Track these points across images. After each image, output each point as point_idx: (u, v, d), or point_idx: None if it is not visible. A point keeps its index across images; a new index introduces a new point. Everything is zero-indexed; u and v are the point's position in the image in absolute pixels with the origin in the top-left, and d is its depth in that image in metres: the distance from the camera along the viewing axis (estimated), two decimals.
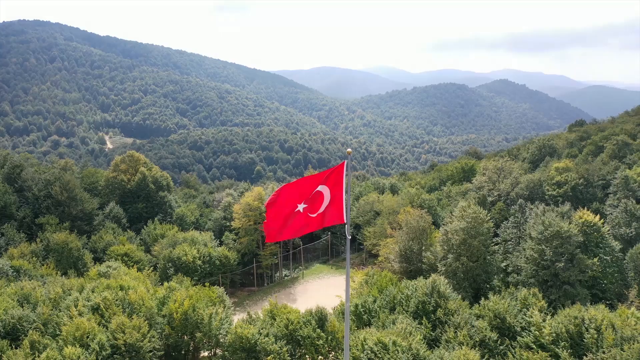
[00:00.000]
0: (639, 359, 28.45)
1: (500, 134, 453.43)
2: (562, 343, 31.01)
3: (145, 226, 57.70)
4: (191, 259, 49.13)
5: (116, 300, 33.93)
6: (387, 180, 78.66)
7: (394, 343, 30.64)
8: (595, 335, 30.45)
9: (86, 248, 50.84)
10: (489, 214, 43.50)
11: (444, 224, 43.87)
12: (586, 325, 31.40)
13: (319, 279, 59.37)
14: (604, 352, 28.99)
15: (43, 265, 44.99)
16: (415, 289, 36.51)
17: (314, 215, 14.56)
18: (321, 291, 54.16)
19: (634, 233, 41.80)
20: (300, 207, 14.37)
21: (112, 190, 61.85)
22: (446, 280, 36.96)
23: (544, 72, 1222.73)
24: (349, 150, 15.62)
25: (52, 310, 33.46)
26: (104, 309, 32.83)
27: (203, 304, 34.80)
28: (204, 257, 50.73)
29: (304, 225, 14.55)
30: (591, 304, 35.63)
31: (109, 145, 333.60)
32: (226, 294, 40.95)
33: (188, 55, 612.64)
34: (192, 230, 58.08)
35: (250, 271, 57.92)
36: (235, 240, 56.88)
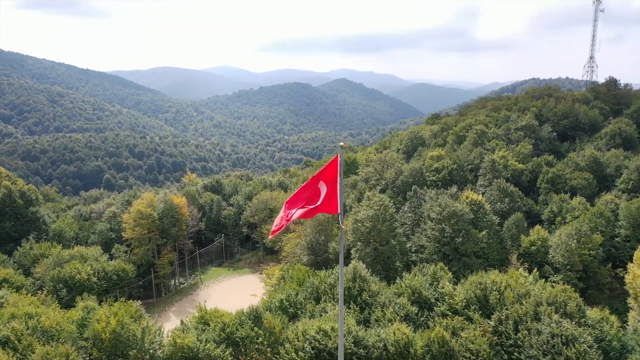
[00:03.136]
0: (535, 310, 34.16)
1: (345, 130, 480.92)
2: (473, 307, 35.65)
3: (18, 247, 51.01)
4: (86, 277, 45.20)
5: (27, 329, 30.28)
6: (274, 177, 79.68)
7: (333, 329, 32.48)
8: (498, 296, 35.63)
9: None
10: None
11: (352, 214, 46.59)
12: (489, 289, 36.45)
13: (219, 282, 58.41)
14: (507, 309, 34.15)
15: None
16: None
17: (312, 207, 15.38)
18: (226, 293, 53.63)
19: (507, 207, 49.11)
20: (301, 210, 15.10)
21: None
22: (364, 265, 39.53)
23: (375, 72, 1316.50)
24: (342, 144, 16.70)
25: None
26: (15, 341, 29.17)
27: (129, 319, 32.69)
28: (98, 273, 46.98)
29: (301, 216, 15.37)
30: (484, 271, 41.07)
31: None
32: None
33: (5, 54, 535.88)
34: (75, 246, 52.94)
35: (144, 283, 54.78)
36: (127, 252, 53.33)
